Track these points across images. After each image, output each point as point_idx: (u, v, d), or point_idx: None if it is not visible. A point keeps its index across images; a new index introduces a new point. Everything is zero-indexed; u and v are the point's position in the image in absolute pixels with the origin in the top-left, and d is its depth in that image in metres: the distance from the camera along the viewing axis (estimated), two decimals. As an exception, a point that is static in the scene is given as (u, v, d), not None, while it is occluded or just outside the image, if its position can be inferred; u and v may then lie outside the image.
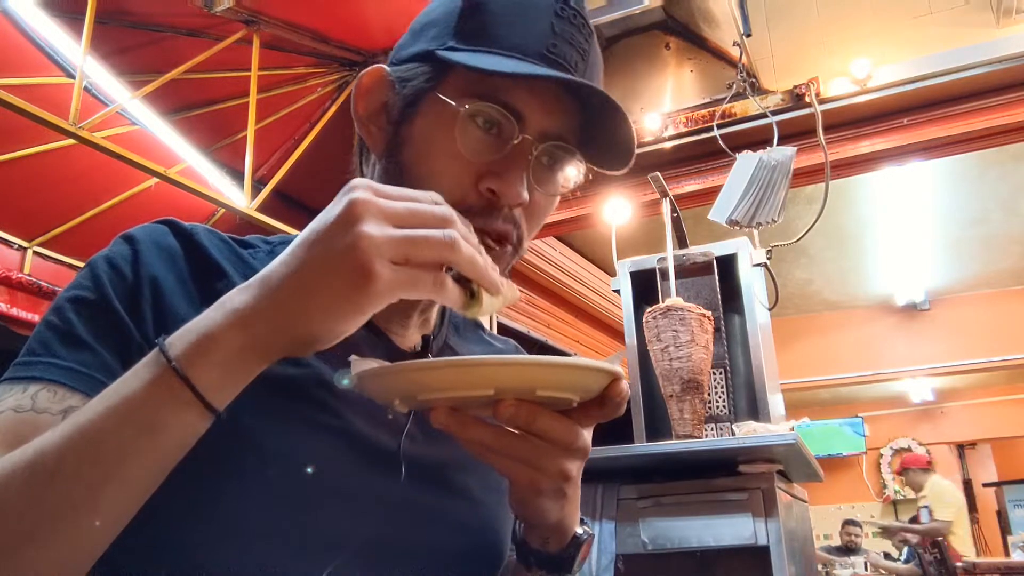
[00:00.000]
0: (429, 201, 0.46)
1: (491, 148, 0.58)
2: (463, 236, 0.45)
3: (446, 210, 0.46)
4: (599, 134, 0.61)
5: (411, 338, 0.68)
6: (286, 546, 0.53)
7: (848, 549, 6.26)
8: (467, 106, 0.57)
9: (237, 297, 0.46)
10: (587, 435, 0.50)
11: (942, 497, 5.74)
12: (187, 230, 0.61)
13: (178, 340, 0.45)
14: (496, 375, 0.45)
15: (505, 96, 0.57)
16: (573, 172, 0.63)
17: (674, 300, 2.10)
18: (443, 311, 0.76)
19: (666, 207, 2.42)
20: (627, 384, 0.50)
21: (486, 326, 0.84)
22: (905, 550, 6.31)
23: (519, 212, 0.60)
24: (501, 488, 0.63)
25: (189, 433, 0.45)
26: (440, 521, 0.61)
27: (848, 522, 6.49)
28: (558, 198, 0.65)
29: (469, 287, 0.47)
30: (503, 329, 4.07)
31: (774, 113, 2.98)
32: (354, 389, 0.49)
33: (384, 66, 0.63)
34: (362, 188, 0.44)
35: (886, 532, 6.01)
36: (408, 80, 0.61)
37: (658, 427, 2.27)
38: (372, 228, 0.42)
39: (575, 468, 0.52)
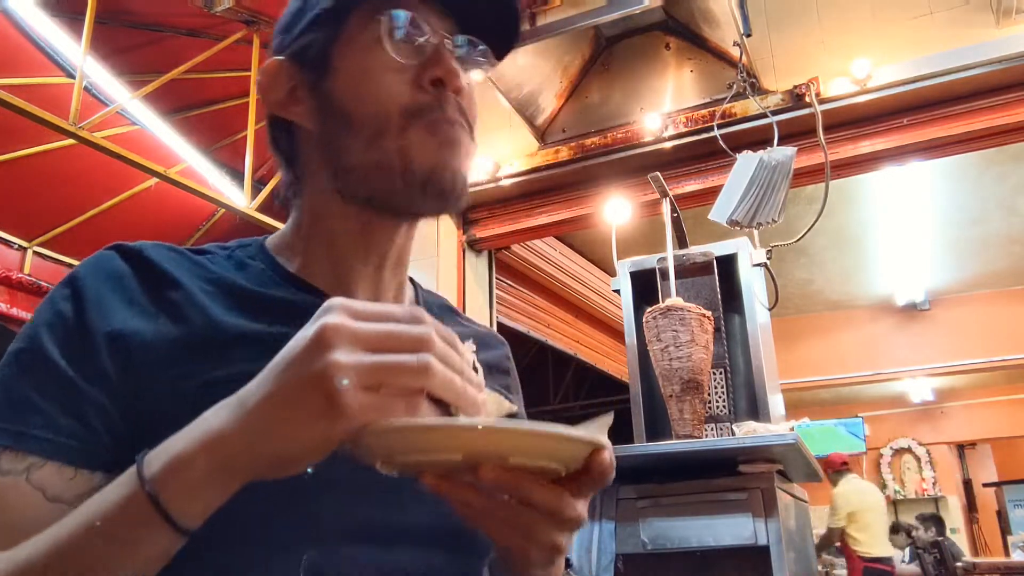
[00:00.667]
0: (407, 319, 0.45)
1: (418, 51, 0.63)
2: (441, 356, 0.45)
3: (423, 330, 0.45)
4: (487, 23, 0.67)
5: None
6: (271, 533, 0.54)
7: (848, 549, 6.25)
8: (386, 19, 0.62)
9: (213, 417, 0.46)
10: (580, 505, 0.49)
11: (833, 501, 5.64)
12: (134, 249, 0.62)
13: (155, 459, 0.46)
14: (462, 438, 0.43)
15: (407, 8, 0.63)
16: (482, 59, 0.68)
17: (674, 300, 2.10)
18: (416, 291, 0.77)
19: (666, 207, 2.42)
20: (610, 454, 0.47)
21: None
22: (907, 550, 6.31)
23: (464, 103, 0.65)
24: None
25: (162, 550, 0.47)
26: (428, 502, 0.59)
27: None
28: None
29: (447, 408, 0.46)
30: (503, 329, 4.07)
31: (774, 113, 2.98)
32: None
33: (274, 59, 0.67)
34: (336, 310, 0.44)
35: None
36: (308, 48, 0.65)
37: (658, 427, 2.27)
38: (342, 355, 0.42)
39: (567, 540, 0.51)
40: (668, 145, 3.23)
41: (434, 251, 3.58)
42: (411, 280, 0.77)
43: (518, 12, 0.69)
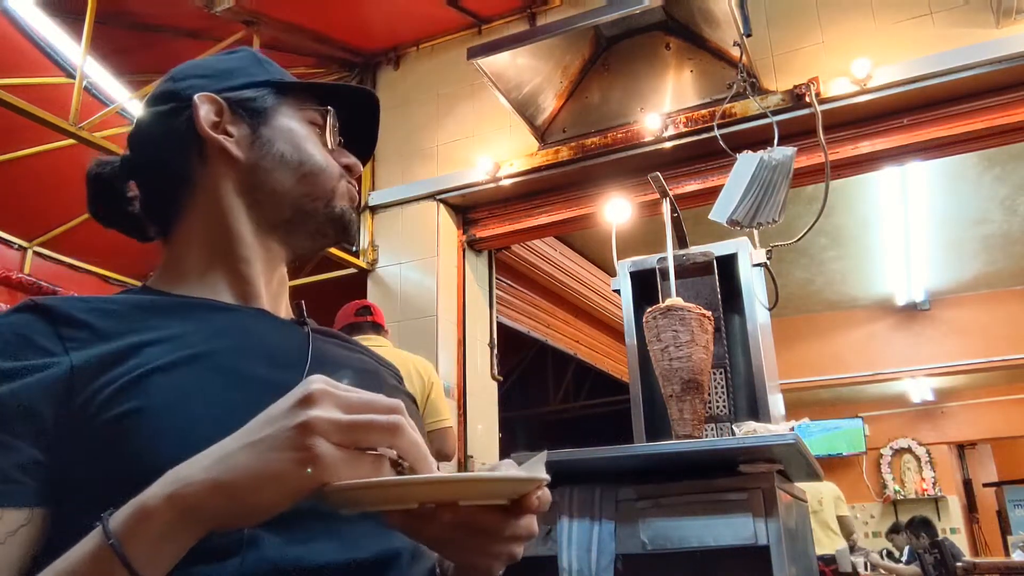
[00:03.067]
0: (383, 408, 0.51)
1: (333, 140, 0.83)
2: (408, 424, 0.51)
3: (394, 401, 0.51)
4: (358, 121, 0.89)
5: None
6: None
7: (848, 549, 6.26)
8: (325, 115, 0.83)
9: (185, 468, 0.49)
10: (528, 521, 0.56)
11: None
12: (46, 305, 0.65)
13: (120, 513, 0.48)
14: (420, 493, 0.50)
15: (327, 105, 0.83)
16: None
17: (674, 300, 2.10)
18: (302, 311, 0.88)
19: (666, 207, 2.42)
20: (545, 492, 0.56)
21: None
22: (906, 550, 6.31)
23: None
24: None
25: None
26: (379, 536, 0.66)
27: (847, 522, 6.49)
28: None
29: (401, 468, 0.52)
30: (503, 329, 4.07)
31: (774, 113, 2.98)
32: None
33: (210, 94, 0.78)
34: (320, 381, 0.50)
35: None
36: (253, 99, 0.79)
37: (658, 427, 2.27)
38: (324, 412, 0.48)
39: (521, 548, 0.59)
40: (668, 145, 3.23)
41: (434, 251, 3.57)
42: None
43: (375, 133, 0.91)
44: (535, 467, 0.56)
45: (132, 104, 3.33)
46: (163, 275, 0.78)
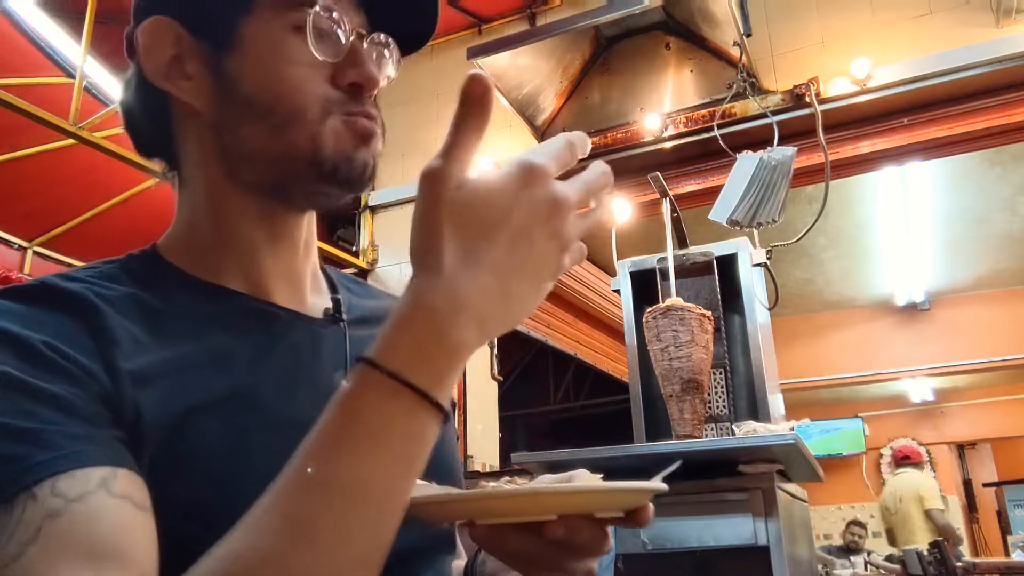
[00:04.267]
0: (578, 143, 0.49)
1: (336, 49, 0.59)
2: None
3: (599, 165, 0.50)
4: (400, 17, 0.66)
5: (313, 304, 0.68)
6: None
7: (851, 549, 6.26)
8: (315, 11, 0.58)
9: (452, 331, 0.43)
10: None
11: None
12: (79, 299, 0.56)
13: (382, 353, 0.42)
14: (563, 503, 0.47)
15: (324, 2, 0.59)
16: (396, 56, 0.66)
17: (674, 300, 2.10)
18: (328, 275, 0.73)
19: (666, 207, 2.42)
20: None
21: None
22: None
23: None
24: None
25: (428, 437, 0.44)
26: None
27: (853, 523, 6.50)
28: None
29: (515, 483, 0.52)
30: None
31: (774, 113, 2.98)
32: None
33: (161, 16, 0.60)
34: (533, 167, 0.45)
35: None
36: (209, 15, 0.59)
37: (658, 427, 2.27)
38: (572, 219, 0.46)
39: (596, 563, 0.55)
40: (668, 145, 3.23)
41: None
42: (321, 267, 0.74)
43: (435, 8, 0.67)
44: (659, 480, 0.53)
45: (132, 104, 3.33)
46: (178, 237, 0.65)
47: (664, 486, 0.51)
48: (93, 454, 0.45)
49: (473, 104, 0.44)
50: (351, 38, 0.60)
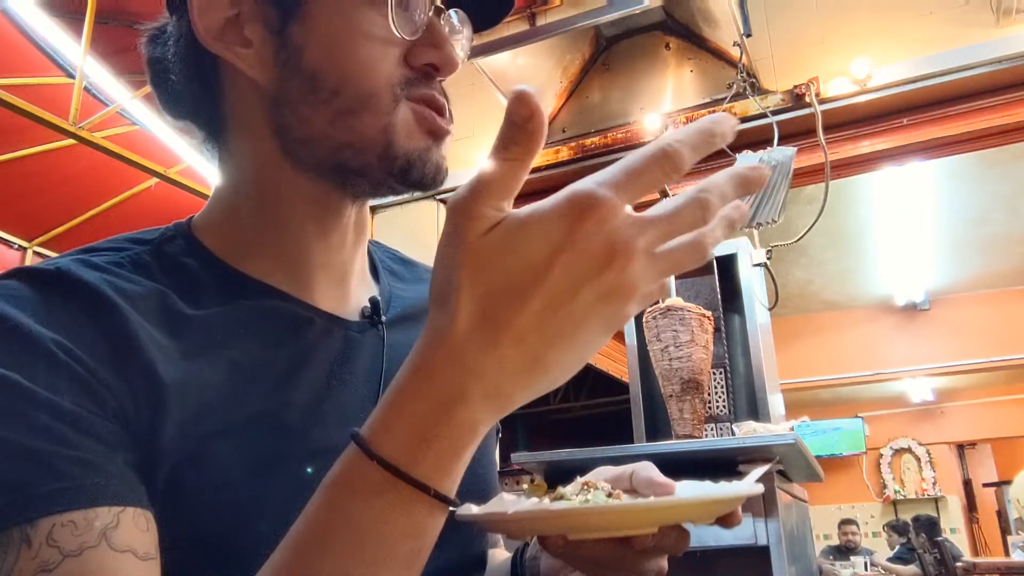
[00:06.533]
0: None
1: (412, 25, 0.54)
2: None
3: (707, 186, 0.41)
4: None
5: (357, 299, 0.62)
6: None
7: (846, 549, 6.27)
8: None
9: (482, 397, 0.37)
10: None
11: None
12: (49, 272, 0.52)
13: (385, 440, 0.37)
14: (662, 516, 0.44)
15: None
16: (469, 34, 0.61)
17: (674, 300, 2.10)
18: (373, 259, 0.68)
19: (666, 207, 2.42)
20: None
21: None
22: (897, 547, 6.33)
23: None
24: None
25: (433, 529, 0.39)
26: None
27: (845, 521, 6.51)
28: None
29: (611, 494, 0.48)
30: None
31: (774, 113, 2.98)
32: (474, 524, 0.44)
33: None
34: (598, 220, 0.35)
35: None
36: None
37: (658, 427, 2.27)
38: (640, 268, 0.37)
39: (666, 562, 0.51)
40: (668, 145, 3.23)
41: (434, 250, 3.57)
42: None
43: None
44: (755, 482, 0.50)
45: (132, 104, 3.33)
46: (216, 217, 0.59)
47: (761, 487, 0.48)
48: (100, 489, 0.41)
49: (517, 129, 0.36)
50: (429, 13, 0.55)
